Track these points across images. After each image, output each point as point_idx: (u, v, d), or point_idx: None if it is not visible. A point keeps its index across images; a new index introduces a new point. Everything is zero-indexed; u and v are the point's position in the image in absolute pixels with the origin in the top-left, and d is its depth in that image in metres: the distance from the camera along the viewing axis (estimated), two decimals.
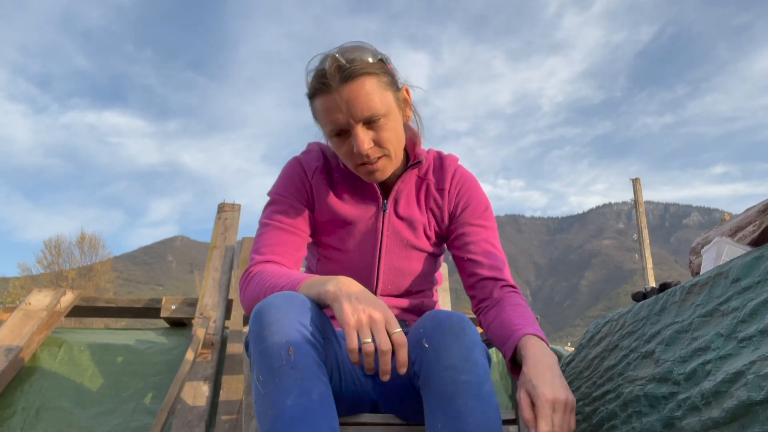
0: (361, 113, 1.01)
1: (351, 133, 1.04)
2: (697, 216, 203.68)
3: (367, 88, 1.01)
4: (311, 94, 1.06)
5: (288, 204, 1.16)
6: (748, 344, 0.81)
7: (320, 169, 1.19)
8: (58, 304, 2.32)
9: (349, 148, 1.06)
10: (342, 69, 1.00)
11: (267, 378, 0.87)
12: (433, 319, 0.97)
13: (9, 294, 19.16)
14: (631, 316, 1.18)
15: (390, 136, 1.06)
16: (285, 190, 1.17)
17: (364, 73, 1.02)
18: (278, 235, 1.13)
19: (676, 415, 0.88)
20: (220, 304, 2.51)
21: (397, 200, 1.20)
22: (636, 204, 8.80)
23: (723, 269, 0.94)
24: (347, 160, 1.09)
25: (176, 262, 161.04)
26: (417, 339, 0.96)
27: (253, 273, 1.07)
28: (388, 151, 1.07)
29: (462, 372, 0.89)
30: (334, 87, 1.00)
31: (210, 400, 1.89)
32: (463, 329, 0.94)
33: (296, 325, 0.90)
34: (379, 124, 1.04)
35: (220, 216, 2.95)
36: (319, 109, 1.05)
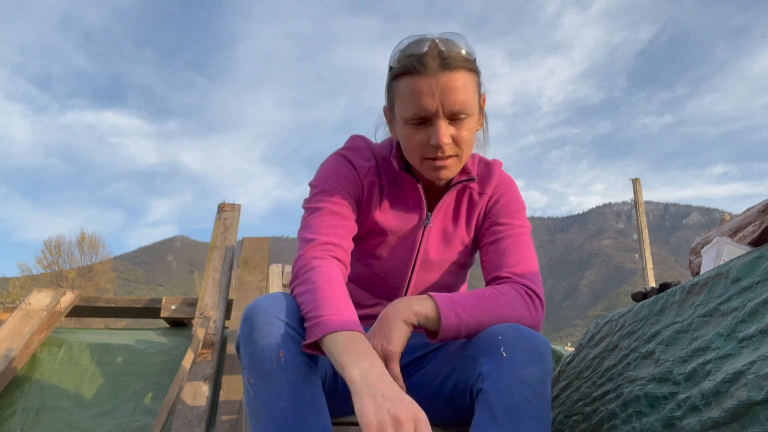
0: (453, 105, 0.97)
1: (433, 122, 0.99)
2: (697, 216, 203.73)
3: (464, 82, 0.98)
4: (400, 73, 1.00)
5: (340, 194, 1.08)
6: (748, 344, 0.81)
7: (372, 171, 1.13)
8: (58, 304, 2.32)
9: (424, 138, 1.00)
10: (443, 55, 0.97)
11: (258, 381, 0.87)
12: (517, 330, 0.93)
13: (9, 294, 19.16)
14: (631, 316, 1.18)
15: (468, 138, 1.02)
16: (336, 182, 1.10)
17: (464, 67, 0.98)
18: (336, 219, 1.05)
19: (676, 415, 0.88)
20: (220, 304, 2.51)
21: (441, 213, 1.15)
22: (636, 204, 8.80)
23: (723, 269, 0.94)
24: (414, 151, 1.03)
25: (176, 262, 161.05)
26: (491, 345, 0.93)
27: (312, 267, 0.96)
28: (461, 152, 1.03)
29: (535, 393, 0.87)
30: (432, 71, 0.96)
31: (210, 400, 1.89)
32: (547, 354, 0.92)
33: (286, 328, 0.89)
34: (462, 122, 1.00)
35: (220, 216, 2.95)
36: (405, 89, 0.99)
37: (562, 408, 1.26)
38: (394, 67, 1.02)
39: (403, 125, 1.02)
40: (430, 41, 0.98)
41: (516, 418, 0.86)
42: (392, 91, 1.04)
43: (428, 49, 0.97)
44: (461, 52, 0.99)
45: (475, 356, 0.95)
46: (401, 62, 1.00)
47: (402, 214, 1.14)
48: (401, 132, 1.04)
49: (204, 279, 2.65)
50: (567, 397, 1.26)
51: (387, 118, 1.12)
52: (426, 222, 1.14)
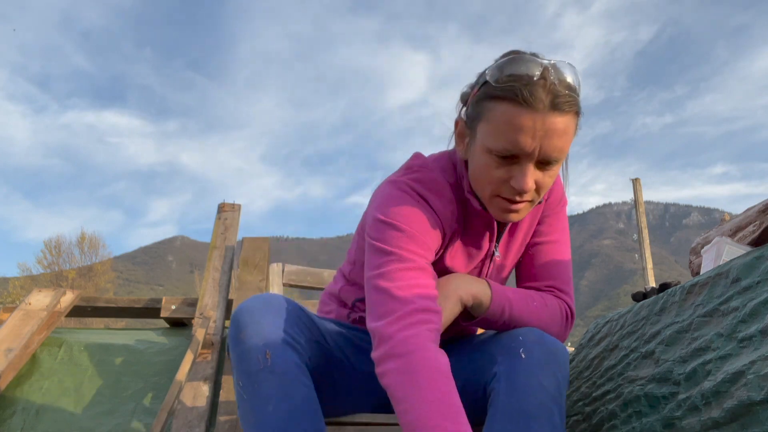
0: (551, 151, 0.87)
1: (520, 162, 0.88)
2: (697, 216, 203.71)
3: (568, 128, 0.87)
4: (500, 96, 0.87)
5: (425, 246, 0.94)
6: (748, 344, 0.80)
7: (453, 216, 1.00)
8: (58, 304, 2.32)
9: (504, 176, 0.90)
10: (555, 92, 0.84)
11: (246, 383, 0.86)
12: (538, 335, 0.93)
13: (9, 294, 19.16)
14: (631, 316, 1.18)
15: (549, 184, 0.93)
16: (420, 230, 0.94)
17: (574, 111, 0.88)
18: (426, 277, 0.90)
19: (676, 415, 0.88)
20: (220, 304, 2.51)
21: (505, 238, 1.08)
22: (636, 204, 8.80)
23: (723, 269, 0.94)
24: (488, 185, 0.92)
25: (176, 262, 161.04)
26: (511, 344, 0.92)
27: (411, 349, 0.81)
28: (537, 198, 0.94)
29: (551, 398, 0.87)
30: (540, 108, 0.84)
31: (210, 400, 1.89)
32: (565, 361, 0.93)
33: (273, 328, 0.88)
34: (550, 169, 0.90)
35: (220, 216, 2.95)
36: (502, 118, 0.86)
37: None
38: (493, 85, 0.88)
39: (483, 153, 0.90)
40: (542, 67, 0.85)
41: (530, 421, 0.85)
42: (482, 110, 0.90)
43: (539, 77, 0.85)
44: (574, 90, 0.87)
45: (493, 353, 0.95)
46: (504, 84, 0.86)
47: (472, 252, 1.05)
48: (478, 159, 0.92)
49: (204, 279, 2.65)
50: (567, 397, 1.26)
51: (458, 131, 0.99)
52: (494, 253, 1.06)
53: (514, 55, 0.89)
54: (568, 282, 1.09)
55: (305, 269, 2.14)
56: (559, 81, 0.85)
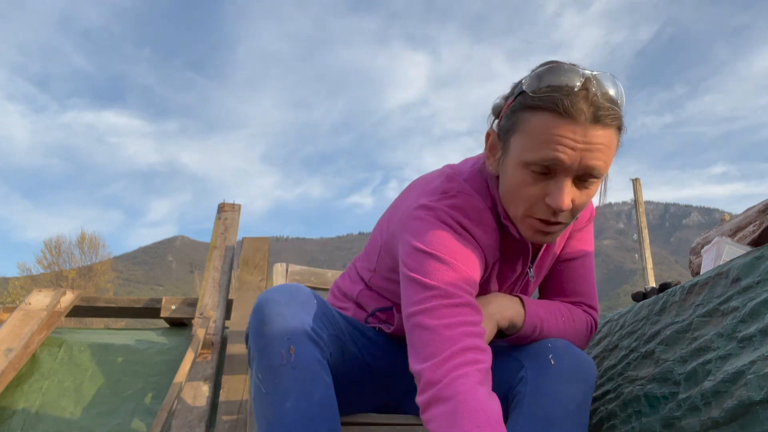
0: (591, 167, 0.82)
1: (557, 177, 0.82)
2: (697, 216, 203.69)
3: (610, 143, 0.83)
4: (539, 107, 0.82)
5: (471, 281, 0.87)
6: (748, 344, 0.80)
7: (496, 245, 0.95)
8: (58, 304, 2.32)
9: (539, 193, 0.84)
10: (597, 104, 0.80)
11: (266, 377, 0.83)
12: (567, 344, 0.93)
13: (9, 294, 19.16)
14: (631, 316, 1.18)
15: (585, 205, 0.87)
16: (463, 261, 0.87)
17: (616, 126, 0.83)
18: (476, 315, 0.84)
19: (676, 415, 0.88)
20: (220, 304, 2.51)
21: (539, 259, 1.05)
22: (636, 204, 8.80)
23: (723, 269, 0.94)
24: (521, 203, 0.87)
25: (176, 262, 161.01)
26: (540, 352, 0.92)
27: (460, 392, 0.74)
28: (571, 220, 0.89)
29: (577, 406, 0.88)
30: (581, 120, 0.79)
31: (210, 400, 1.89)
32: (594, 373, 0.93)
33: (298, 322, 0.85)
34: (588, 186, 0.85)
35: (220, 216, 2.95)
36: (541, 128, 0.81)
37: None
38: (530, 95, 0.83)
39: (518, 167, 0.85)
40: (583, 77, 0.81)
41: (554, 428, 0.85)
42: (517, 120, 0.85)
43: (580, 87, 0.80)
44: (616, 103, 0.83)
45: (520, 358, 0.94)
46: (543, 93, 0.81)
47: (507, 275, 1.02)
48: (512, 174, 0.86)
49: (204, 279, 2.65)
50: None
51: (489, 144, 0.93)
52: (529, 275, 1.04)
53: (552, 64, 0.84)
54: (595, 296, 1.09)
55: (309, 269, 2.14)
56: (601, 93, 0.81)
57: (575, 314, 1.04)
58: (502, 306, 0.95)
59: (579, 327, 1.03)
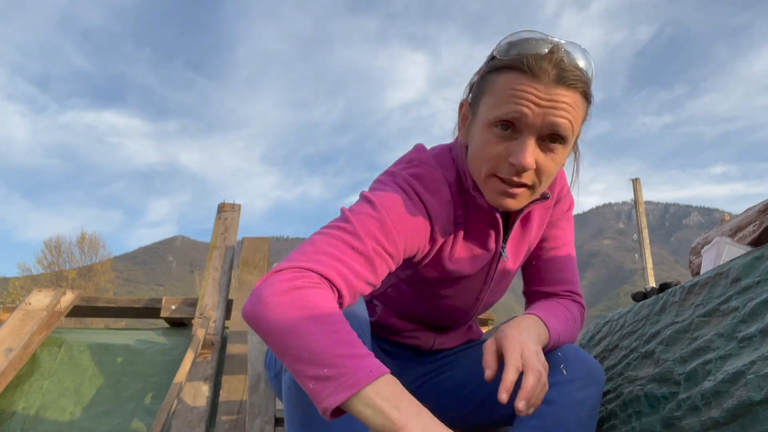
0: (554, 125, 0.82)
1: (521, 136, 0.83)
2: (697, 216, 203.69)
3: (575, 106, 0.83)
4: (504, 66, 0.84)
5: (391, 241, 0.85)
6: (748, 344, 0.80)
7: (449, 219, 0.95)
8: (58, 304, 2.32)
9: (503, 152, 0.84)
10: (563, 66, 0.82)
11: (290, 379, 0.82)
12: (578, 353, 0.94)
13: (9, 294, 19.16)
14: (631, 316, 1.18)
15: (552, 170, 0.87)
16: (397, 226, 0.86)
17: (582, 90, 0.84)
18: (368, 268, 0.82)
19: (676, 415, 0.88)
20: (220, 304, 2.51)
21: (513, 237, 1.04)
22: (636, 204, 8.80)
23: (723, 269, 0.94)
24: (485, 163, 0.87)
25: (176, 262, 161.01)
26: (551, 360, 0.92)
27: (298, 287, 0.72)
28: (537, 185, 0.88)
29: (588, 414, 0.89)
30: (545, 79, 0.81)
31: (210, 400, 1.89)
32: (602, 378, 0.93)
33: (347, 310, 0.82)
34: (554, 150, 0.85)
35: (220, 216, 2.95)
36: (505, 85, 0.83)
37: None
38: (499, 58, 0.85)
39: (484, 128, 0.86)
40: (552, 44, 0.83)
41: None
42: (485, 83, 0.87)
43: (548, 52, 0.82)
44: (584, 71, 0.85)
45: None
46: (510, 56, 0.83)
47: (475, 253, 1.00)
48: (478, 136, 0.88)
49: (204, 279, 2.65)
50: None
51: (462, 115, 0.96)
52: (502, 255, 1.02)
53: (523, 32, 0.86)
54: (578, 282, 1.11)
55: None
56: (568, 59, 0.82)
57: (572, 310, 1.04)
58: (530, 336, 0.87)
59: (579, 324, 1.04)
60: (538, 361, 0.80)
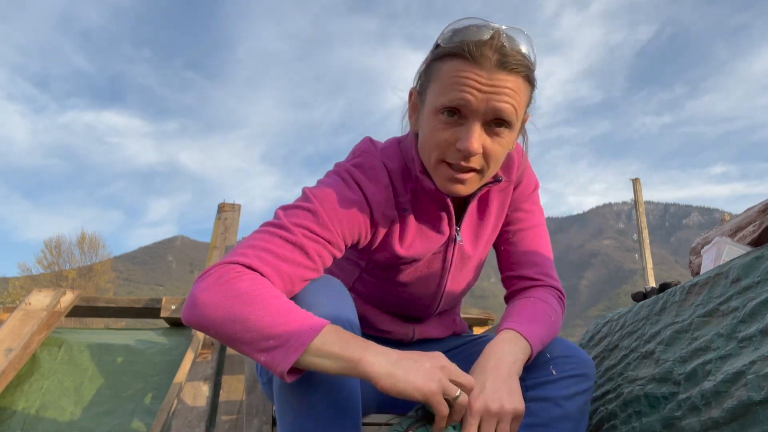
0: (498, 110, 0.84)
1: (467, 122, 0.85)
2: (697, 216, 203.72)
3: (518, 90, 0.85)
4: (447, 54, 0.86)
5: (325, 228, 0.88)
6: (748, 344, 0.80)
7: (389, 203, 0.97)
8: (58, 304, 2.32)
9: (451, 138, 0.86)
10: (504, 51, 0.83)
11: None
12: (567, 349, 0.94)
13: (9, 294, 19.17)
14: (631, 316, 1.18)
15: (499, 154, 0.89)
16: (335, 218, 0.90)
17: (524, 74, 0.86)
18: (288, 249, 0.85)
19: (676, 415, 0.88)
20: None
21: (468, 221, 1.04)
22: (636, 204, 8.80)
23: (723, 269, 0.94)
24: (433, 149, 0.88)
25: (176, 262, 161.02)
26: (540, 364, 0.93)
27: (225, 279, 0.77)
28: (486, 169, 0.89)
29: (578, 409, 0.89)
30: (487, 64, 0.82)
31: (210, 400, 1.89)
32: (593, 376, 0.93)
33: (336, 311, 0.83)
34: (500, 134, 0.87)
35: (220, 216, 2.95)
36: (449, 73, 0.85)
37: None
38: (442, 46, 0.87)
39: (431, 115, 0.88)
40: (493, 30, 0.84)
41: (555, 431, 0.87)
42: (431, 72, 0.89)
43: (489, 38, 0.83)
44: (526, 56, 0.86)
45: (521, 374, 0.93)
46: (453, 43, 0.85)
47: (428, 237, 1.01)
48: (426, 123, 0.89)
49: None
50: None
51: (411, 104, 0.98)
52: (457, 239, 1.03)
53: (465, 20, 0.88)
54: (552, 265, 1.09)
55: None
56: (509, 44, 0.84)
57: (551, 303, 1.01)
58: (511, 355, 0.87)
59: (558, 312, 1.02)
60: None
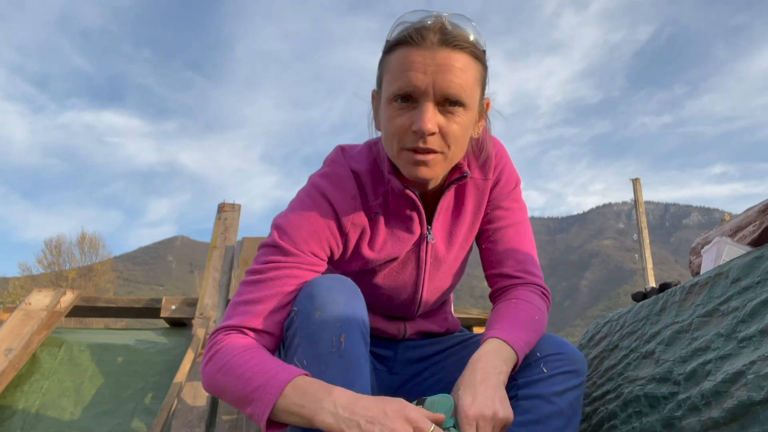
0: (447, 87, 0.84)
1: (419, 104, 0.86)
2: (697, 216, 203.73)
3: (464, 67, 0.86)
4: (394, 44, 0.88)
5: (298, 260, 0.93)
6: (748, 344, 0.80)
7: (357, 211, 0.99)
8: (58, 304, 2.32)
9: (406, 123, 0.87)
10: (446, 32, 0.85)
11: (311, 363, 0.83)
12: (556, 346, 0.93)
13: (9, 294, 19.16)
14: (631, 316, 1.18)
15: (457, 133, 0.88)
16: (300, 239, 0.94)
17: (468, 50, 0.87)
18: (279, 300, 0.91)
19: (676, 415, 0.88)
20: (220, 304, 2.51)
21: (441, 220, 1.04)
22: (636, 204, 8.80)
23: (723, 269, 0.94)
24: (393, 138, 0.89)
25: (176, 262, 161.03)
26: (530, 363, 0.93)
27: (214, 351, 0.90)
28: (447, 150, 0.89)
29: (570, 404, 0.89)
30: (430, 45, 0.84)
31: (210, 400, 1.89)
32: (584, 369, 0.93)
33: (350, 310, 0.84)
34: (454, 113, 0.87)
35: (220, 216, 2.95)
36: (396, 61, 0.87)
37: None
38: (389, 38, 0.90)
39: (386, 106, 0.90)
40: (435, 16, 0.87)
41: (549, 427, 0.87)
42: (383, 66, 0.92)
43: (431, 22, 0.86)
44: (468, 36, 0.88)
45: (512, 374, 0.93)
46: (397, 33, 0.89)
47: (399, 238, 1.02)
48: (383, 114, 0.91)
49: (204, 279, 2.65)
50: None
51: (373, 105, 0.99)
52: (428, 237, 1.03)
53: (408, 12, 0.91)
54: (536, 263, 1.08)
55: None
56: (451, 25, 0.87)
57: (535, 302, 1.01)
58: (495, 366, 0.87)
59: (542, 311, 1.01)
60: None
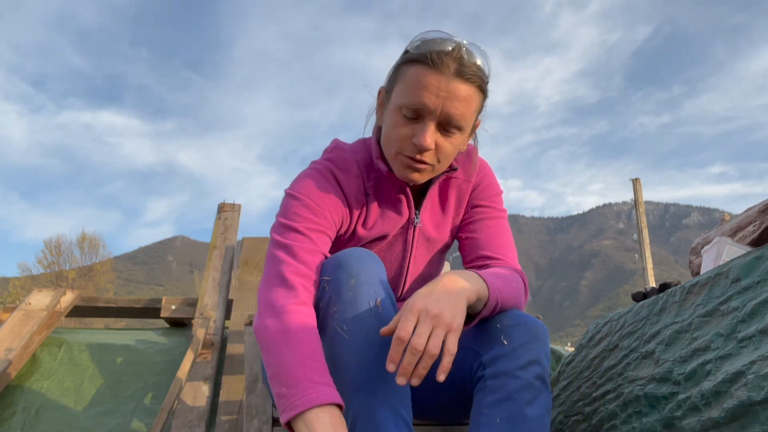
0: (451, 113, 0.96)
1: (423, 121, 0.98)
2: (697, 216, 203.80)
3: (470, 98, 0.98)
4: (414, 59, 0.98)
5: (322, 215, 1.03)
6: (748, 344, 0.81)
7: (359, 190, 1.10)
8: (58, 304, 2.32)
9: (409, 133, 0.99)
10: (463, 62, 0.96)
11: (352, 327, 0.89)
12: (516, 318, 0.95)
13: (9, 294, 19.16)
14: (631, 316, 1.18)
15: (449, 152, 1.02)
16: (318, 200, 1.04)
17: (477, 85, 0.98)
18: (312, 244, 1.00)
19: (676, 415, 0.88)
20: (220, 304, 2.51)
21: (428, 207, 1.15)
22: (636, 204, 8.80)
23: (723, 269, 0.94)
24: (394, 142, 1.01)
25: (176, 262, 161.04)
26: (491, 333, 0.94)
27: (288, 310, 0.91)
28: (436, 164, 1.02)
29: (536, 376, 0.90)
30: (446, 71, 0.95)
31: (210, 400, 1.89)
32: (545, 337, 0.94)
33: (379, 277, 0.93)
34: (451, 134, 1.00)
35: (220, 216, 2.95)
36: (412, 77, 0.97)
37: (562, 408, 1.26)
38: (411, 52, 0.99)
39: (394, 111, 1.00)
40: (456, 43, 0.97)
41: (518, 403, 0.88)
42: (398, 73, 1.02)
43: (452, 50, 0.96)
44: (481, 69, 0.99)
45: (476, 348, 0.96)
46: (421, 51, 0.97)
47: (389, 218, 1.12)
48: (389, 118, 1.02)
49: (204, 279, 2.65)
50: (567, 398, 1.26)
51: (378, 101, 1.10)
52: (415, 221, 1.13)
53: (433, 31, 1.00)
54: (514, 255, 1.12)
55: None
56: (468, 57, 0.97)
57: (514, 276, 1.03)
58: (466, 282, 0.91)
59: (519, 288, 1.03)
60: (418, 332, 0.82)
